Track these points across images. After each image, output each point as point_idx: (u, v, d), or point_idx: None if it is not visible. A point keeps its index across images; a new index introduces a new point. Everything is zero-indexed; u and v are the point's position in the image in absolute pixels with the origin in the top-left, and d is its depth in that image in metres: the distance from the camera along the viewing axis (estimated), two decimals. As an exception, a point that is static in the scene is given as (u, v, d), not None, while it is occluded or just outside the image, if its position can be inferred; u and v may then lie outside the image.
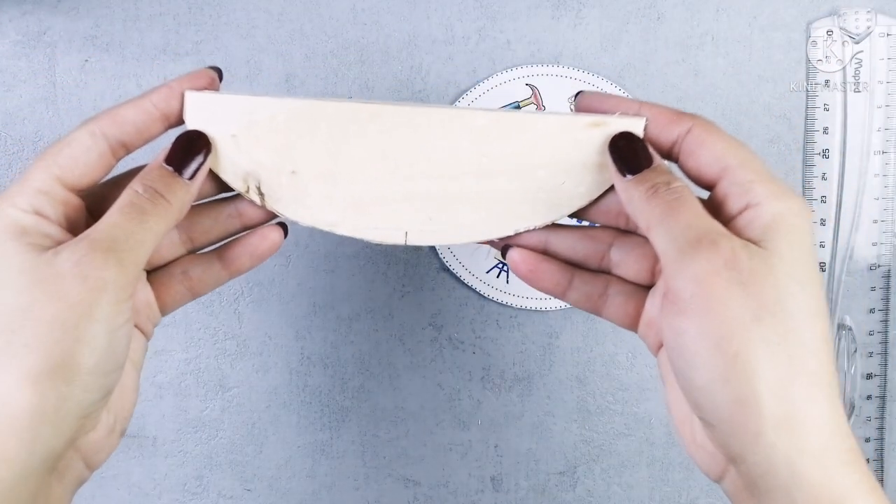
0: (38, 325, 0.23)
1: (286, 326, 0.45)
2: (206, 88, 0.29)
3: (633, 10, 0.44)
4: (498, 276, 0.44)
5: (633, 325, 0.30)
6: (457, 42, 0.44)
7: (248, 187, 0.29)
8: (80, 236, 0.25)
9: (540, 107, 0.44)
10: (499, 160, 0.29)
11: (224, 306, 0.45)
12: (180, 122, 0.29)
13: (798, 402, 0.23)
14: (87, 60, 0.44)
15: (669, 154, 0.28)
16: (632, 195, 0.27)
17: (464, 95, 0.44)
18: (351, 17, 0.44)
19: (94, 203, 0.28)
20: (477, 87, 0.44)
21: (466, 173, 0.29)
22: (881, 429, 0.45)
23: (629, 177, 0.27)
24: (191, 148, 0.28)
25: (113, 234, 0.25)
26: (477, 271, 0.44)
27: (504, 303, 0.45)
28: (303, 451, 0.46)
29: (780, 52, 0.44)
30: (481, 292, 0.45)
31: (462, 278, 0.44)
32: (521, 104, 0.44)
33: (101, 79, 0.44)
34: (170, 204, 0.27)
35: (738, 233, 0.25)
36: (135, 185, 0.27)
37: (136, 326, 0.29)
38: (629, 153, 0.27)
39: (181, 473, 0.46)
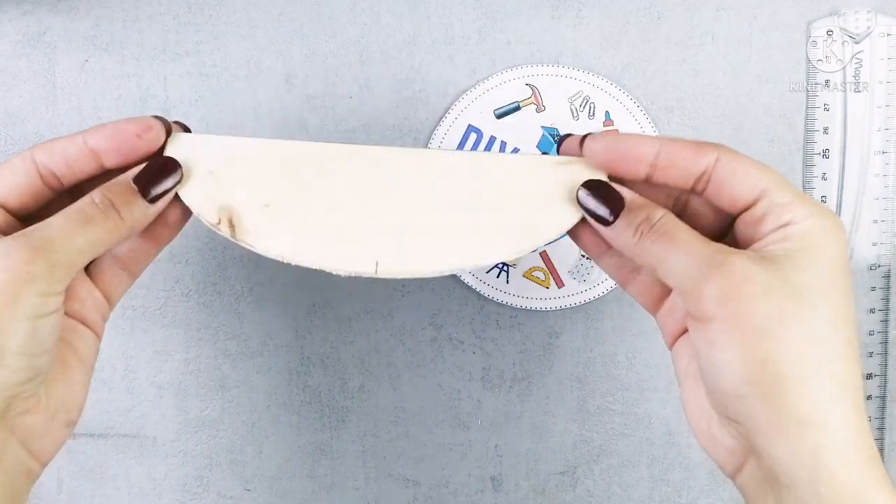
0: None
1: (286, 326, 0.45)
2: (145, 134, 0.29)
3: (633, 9, 0.44)
4: (498, 276, 0.44)
5: (653, 308, 0.30)
6: (457, 42, 0.44)
7: (220, 220, 0.30)
8: (19, 232, 0.26)
9: (540, 107, 0.44)
10: (470, 195, 0.30)
11: (224, 306, 0.45)
12: (113, 164, 0.29)
13: (823, 403, 0.24)
14: (86, 60, 0.44)
15: (696, 186, 0.28)
16: (619, 244, 0.27)
17: (463, 95, 0.44)
18: (351, 16, 0.44)
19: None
20: (477, 86, 0.44)
21: (438, 207, 0.30)
22: (881, 429, 0.45)
23: (608, 228, 0.27)
24: (162, 171, 0.29)
25: (49, 235, 0.26)
26: (477, 271, 0.44)
27: (504, 303, 0.45)
28: (303, 451, 0.46)
29: (780, 52, 0.44)
30: (481, 292, 0.45)
31: (462, 278, 0.44)
32: (521, 104, 0.44)
33: (101, 79, 0.44)
34: (122, 220, 0.27)
35: (766, 248, 0.26)
36: (93, 194, 0.27)
37: (83, 323, 0.29)
38: (598, 202, 0.28)
39: (181, 473, 0.46)
